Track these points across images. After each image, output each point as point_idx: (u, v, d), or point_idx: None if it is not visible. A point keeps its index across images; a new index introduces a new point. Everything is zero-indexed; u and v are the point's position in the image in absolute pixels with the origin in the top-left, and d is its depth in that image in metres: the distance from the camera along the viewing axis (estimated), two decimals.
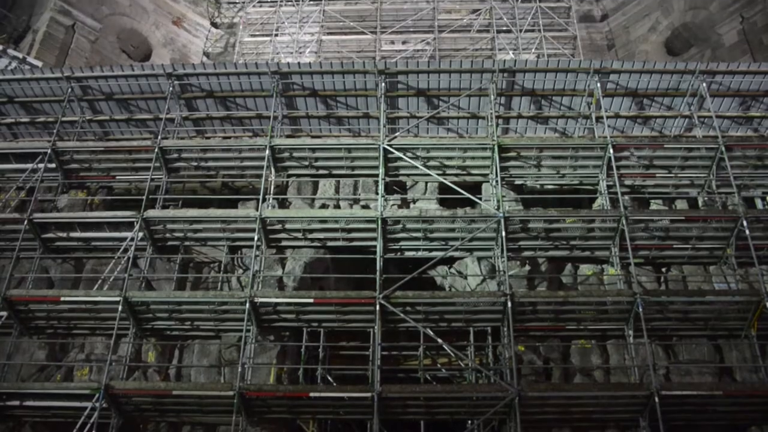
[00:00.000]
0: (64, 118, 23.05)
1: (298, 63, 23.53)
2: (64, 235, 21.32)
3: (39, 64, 26.90)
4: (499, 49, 34.07)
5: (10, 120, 24.35)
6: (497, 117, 22.26)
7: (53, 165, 22.14)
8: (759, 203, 21.95)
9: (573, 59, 30.36)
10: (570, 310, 19.45)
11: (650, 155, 21.21)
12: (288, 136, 23.33)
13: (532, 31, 35.02)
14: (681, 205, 22.04)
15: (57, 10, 32.02)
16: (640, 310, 18.51)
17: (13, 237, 20.90)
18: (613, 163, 20.55)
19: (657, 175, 21.59)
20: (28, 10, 34.75)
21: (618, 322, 19.56)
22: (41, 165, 21.76)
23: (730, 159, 20.63)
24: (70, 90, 22.90)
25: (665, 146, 21.17)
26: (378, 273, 19.18)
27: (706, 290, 20.19)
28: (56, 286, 21.19)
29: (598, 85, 21.85)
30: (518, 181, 22.26)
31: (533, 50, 34.24)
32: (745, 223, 19.51)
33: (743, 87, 22.51)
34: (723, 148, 20.63)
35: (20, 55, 26.63)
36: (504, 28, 35.22)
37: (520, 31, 34.71)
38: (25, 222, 20.61)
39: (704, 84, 21.88)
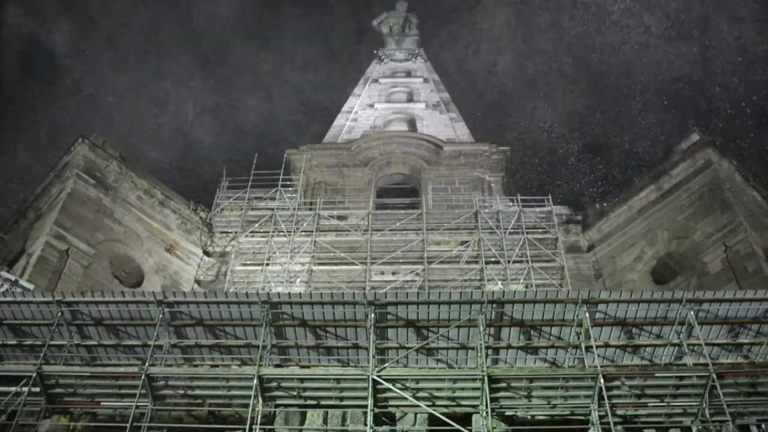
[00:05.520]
0: (52, 342, 22.92)
1: (289, 293, 23.69)
2: None
3: (31, 287, 27.05)
4: (488, 280, 34.36)
5: None
6: (487, 347, 22.20)
7: (37, 389, 21.76)
8: (755, 431, 21.55)
9: (561, 289, 30.70)
10: None
11: (641, 384, 21.09)
12: (276, 366, 23.14)
13: (521, 261, 35.39)
14: None
15: (53, 235, 32.49)
16: None
17: None
18: (605, 393, 20.40)
19: (649, 404, 21.36)
20: (25, 234, 35.34)
21: None
22: (25, 389, 21.37)
23: (722, 387, 20.49)
24: (59, 314, 22.90)
25: (656, 375, 21.09)
26: None
27: None
28: None
29: (587, 315, 22.04)
30: (509, 412, 21.87)
31: (522, 280, 34.52)
32: None
33: (731, 314, 22.67)
34: (714, 376, 20.55)
35: (13, 278, 26.76)
36: (492, 259, 35.65)
37: (509, 261, 35.12)
38: None
39: (692, 312, 22.09)
